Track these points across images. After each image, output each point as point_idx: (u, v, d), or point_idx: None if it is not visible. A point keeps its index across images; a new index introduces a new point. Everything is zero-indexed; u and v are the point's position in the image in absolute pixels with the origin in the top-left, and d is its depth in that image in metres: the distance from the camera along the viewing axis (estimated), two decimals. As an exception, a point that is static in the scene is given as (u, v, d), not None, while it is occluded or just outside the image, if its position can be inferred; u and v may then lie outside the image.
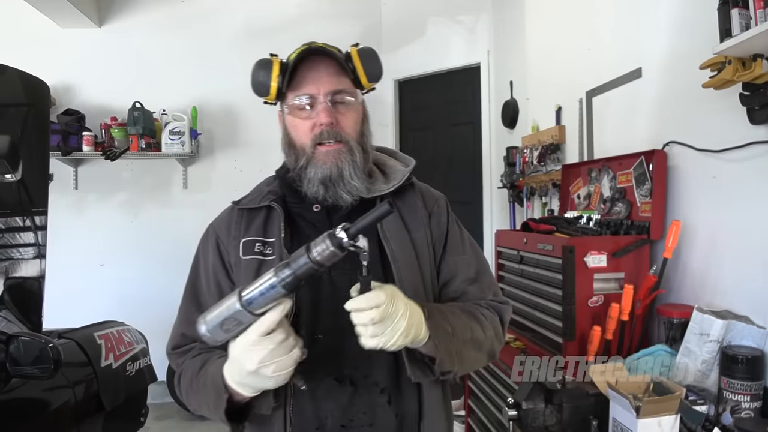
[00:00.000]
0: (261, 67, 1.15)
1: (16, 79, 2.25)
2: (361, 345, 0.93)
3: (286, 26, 4.36)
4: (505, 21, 3.83)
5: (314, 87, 1.12)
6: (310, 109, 1.12)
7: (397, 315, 0.92)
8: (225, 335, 0.92)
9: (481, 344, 1.12)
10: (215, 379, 1.01)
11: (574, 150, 2.80)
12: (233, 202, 1.23)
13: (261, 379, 0.93)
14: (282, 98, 1.17)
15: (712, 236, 1.85)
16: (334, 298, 1.11)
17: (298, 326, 1.08)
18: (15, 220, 2.23)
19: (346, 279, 1.12)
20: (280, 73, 1.12)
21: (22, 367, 1.76)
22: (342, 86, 1.13)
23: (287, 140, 1.18)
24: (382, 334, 0.91)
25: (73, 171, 4.39)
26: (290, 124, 1.16)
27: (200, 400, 1.07)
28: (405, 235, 1.17)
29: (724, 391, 1.53)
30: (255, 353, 0.91)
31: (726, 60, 1.59)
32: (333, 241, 0.83)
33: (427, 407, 1.12)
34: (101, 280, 4.35)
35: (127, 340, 2.61)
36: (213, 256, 1.18)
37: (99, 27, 4.40)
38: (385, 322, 0.91)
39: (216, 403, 1.01)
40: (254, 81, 1.16)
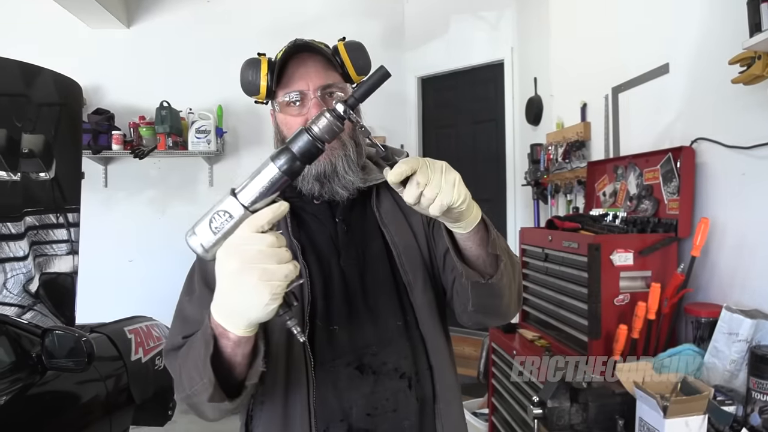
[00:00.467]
0: (249, 66, 1.15)
1: (50, 80, 2.32)
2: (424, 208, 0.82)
3: (310, 25, 4.38)
4: (528, 17, 3.80)
5: (304, 83, 1.12)
6: (301, 106, 1.12)
7: (442, 167, 0.84)
8: (214, 236, 0.78)
9: (515, 266, 1.07)
10: (204, 328, 0.88)
11: (600, 147, 2.77)
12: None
13: (244, 289, 0.77)
14: (272, 96, 1.17)
15: (741, 234, 1.82)
16: (346, 288, 1.13)
17: (314, 319, 1.08)
18: (49, 217, 2.30)
19: (356, 270, 1.14)
20: (269, 71, 1.13)
21: (57, 360, 1.81)
22: (331, 80, 1.13)
23: (280, 137, 1.18)
24: (440, 183, 0.82)
25: (103, 169, 4.49)
26: (282, 121, 1.16)
27: (190, 368, 0.92)
28: (402, 219, 1.18)
29: (752, 392, 1.50)
30: (241, 251, 0.77)
31: (756, 55, 1.57)
32: (332, 113, 0.78)
33: (441, 389, 1.13)
34: (130, 276, 4.45)
35: (156, 335, 2.67)
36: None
37: (127, 27, 4.48)
38: (435, 173, 0.82)
39: (204, 357, 0.85)
40: (243, 81, 1.15)
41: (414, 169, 0.81)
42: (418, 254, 1.16)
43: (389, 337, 1.11)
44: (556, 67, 3.37)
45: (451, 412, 1.14)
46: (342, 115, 0.79)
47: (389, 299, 1.14)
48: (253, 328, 0.84)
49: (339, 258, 1.14)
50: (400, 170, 0.81)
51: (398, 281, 1.14)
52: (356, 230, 1.17)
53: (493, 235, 0.94)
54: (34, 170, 2.26)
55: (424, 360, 1.13)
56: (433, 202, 0.82)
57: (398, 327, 1.12)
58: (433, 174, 0.82)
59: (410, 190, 0.81)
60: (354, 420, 1.07)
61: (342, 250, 1.15)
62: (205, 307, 0.97)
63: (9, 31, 4.23)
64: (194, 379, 0.91)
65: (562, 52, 3.28)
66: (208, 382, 0.87)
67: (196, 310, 1.06)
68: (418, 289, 1.13)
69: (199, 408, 0.98)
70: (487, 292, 1.00)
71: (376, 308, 1.12)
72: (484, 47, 4.28)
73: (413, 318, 1.13)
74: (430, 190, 0.81)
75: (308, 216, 1.17)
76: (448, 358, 1.17)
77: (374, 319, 1.11)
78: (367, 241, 1.16)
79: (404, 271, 1.13)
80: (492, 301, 1.03)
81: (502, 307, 1.06)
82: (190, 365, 0.92)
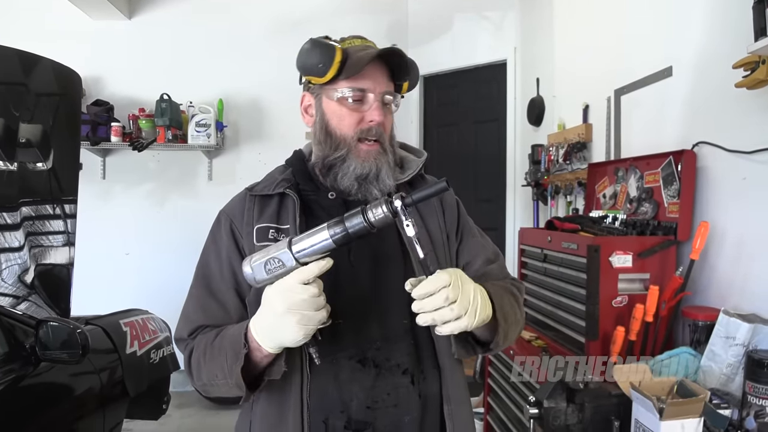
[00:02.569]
0: (320, 50, 1.12)
1: (49, 69, 2.30)
2: (437, 333, 0.94)
3: (312, 20, 4.37)
4: (532, 17, 3.79)
5: (371, 83, 1.13)
6: (360, 103, 1.13)
7: (470, 292, 0.93)
8: (266, 276, 0.94)
9: (518, 323, 1.15)
10: (234, 337, 1.03)
11: (601, 149, 2.76)
12: (246, 188, 1.22)
13: (284, 326, 0.94)
14: (328, 83, 1.14)
15: (741, 239, 1.81)
16: (354, 282, 1.13)
17: None
18: (45, 207, 2.28)
19: (367, 268, 1.15)
20: (342, 59, 1.11)
21: (50, 351, 1.80)
22: (391, 89, 1.17)
23: (324, 128, 1.17)
24: (466, 314, 0.91)
25: (101, 161, 4.47)
26: (333, 112, 1.15)
27: (214, 367, 1.06)
28: (420, 224, 1.18)
29: (748, 396, 1.50)
30: (288, 296, 0.93)
31: (760, 59, 1.56)
32: (389, 207, 0.86)
33: (450, 389, 1.13)
34: (126, 269, 4.44)
35: (152, 328, 2.66)
36: (227, 241, 1.16)
37: (129, 19, 4.47)
38: (462, 300, 0.91)
39: (233, 362, 1.01)
40: (308, 61, 1.13)
41: (445, 284, 0.90)
42: (434, 261, 1.16)
43: (395, 334, 1.12)
44: (558, 68, 3.36)
45: (461, 413, 1.16)
46: (397, 211, 0.87)
47: (399, 298, 1.12)
48: (281, 349, 1.00)
49: (349, 255, 1.14)
50: (427, 289, 0.91)
51: None
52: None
53: (501, 335, 1.04)
54: (32, 160, 2.25)
55: (432, 359, 1.14)
56: (461, 320, 0.91)
57: (404, 325, 1.13)
58: (462, 296, 0.91)
59: (434, 303, 0.90)
60: (353, 412, 1.09)
61: (353, 248, 1.14)
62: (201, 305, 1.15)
63: (10, 21, 4.23)
64: (217, 377, 1.05)
65: (565, 53, 3.27)
66: (234, 384, 1.02)
67: (193, 306, 1.16)
68: None
69: (212, 392, 1.11)
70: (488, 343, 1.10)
71: (384, 306, 1.13)
72: (488, 47, 4.27)
73: None
74: (459, 309, 0.91)
75: (321, 211, 1.17)
76: (458, 360, 1.18)
77: (381, 317, 1.13)
78: (381, 240, 1.16)
79: (418, 271, 1.12)
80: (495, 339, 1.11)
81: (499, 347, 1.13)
82: (215, 366, 1.05)
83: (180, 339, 1.18)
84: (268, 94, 4.55)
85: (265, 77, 4.51)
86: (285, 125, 4.47)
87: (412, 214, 0.95)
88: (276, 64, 4.40)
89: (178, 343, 1.20)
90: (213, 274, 1.17)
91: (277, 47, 4.45)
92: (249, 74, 4.53)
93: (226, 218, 1.19)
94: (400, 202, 0.85)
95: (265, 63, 4.49)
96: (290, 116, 4.41)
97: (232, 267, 1.15)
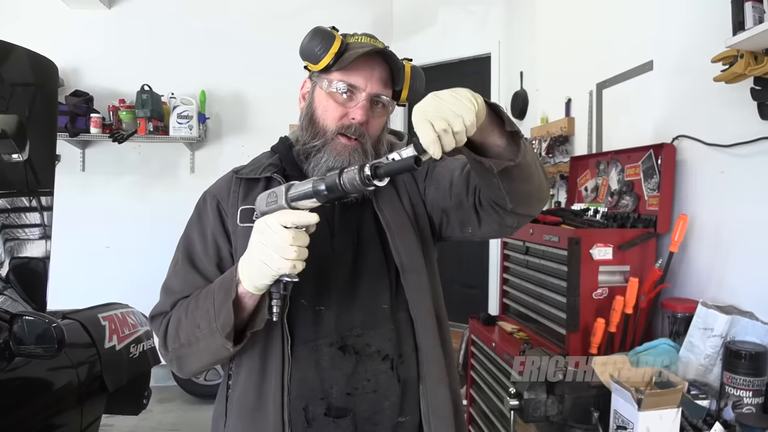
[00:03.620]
0: (321, 37, 1.12)
1: (24, 58, 2.25)
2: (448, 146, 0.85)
3: (297, 11, 4.34)
4: (516, 11, 3.79)
5: (363, 81, 1.12)
6: (348, 99, 1.13)
7: (446, 94, 0.87)
8: (265, 208, 0.98)
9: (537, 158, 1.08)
10: (225, 277, 1.03)
11: (583, 142, 2.78)
12: (233, 170, 1.23)
13: (251, 259, 0.95)
14: (323, 72, 1.15)
15: (719, 231, 1.83)
16: (336, 268, 1.14)
17: (299, 298, 1.10)
18: (21, 200, 2.24)
19: (349, 252, 1.16)
20: (338, 52, 1.11)
21: (25, 346, 1.77)
22: (385, 93, 1.16)
23: (309, 115, 1.17)
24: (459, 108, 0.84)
25: (81, 153, 4.40)
26: (321, 101, 1.15)
27: (197, 316, 1.04)
28: (396, 200, 1.20)
29: (726, 387, 1.52)
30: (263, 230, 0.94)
31: (738, 54, 1.57)
32: (360, 175, 0.87)
33: (426, 368, 1.14)
34: (107, 262, 4.38)
35: (132, 323, 2.63)
36: (213, 220, 1.17)
37: (108, 8, 4.39)
38: (445, 105, 0.85)
39: (222, 301, 1.00)
40: (308, 47, 1.13)
41: (430, 127, 0.83)
42: (412, 235, 1.18)
43: (375, 320, 1.13)
44: (541, 61, 3.37)
45: (438, 392, 1.15)
46: (367, 178, 0.87)
47: (379, 283, 1.15)
48: (257, 290, 0.98)
49: (332, 239, 1.15)
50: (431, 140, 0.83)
51: (390, 265, 1.16)
52: (352, 212, 1.19)
53: (504, 113, 0.95)
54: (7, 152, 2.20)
55: (410, 341, 1.15)
56: (465, 126, 0.84)
57: (384, 310, 1.14)
58: (441, 111, 0.84)
59: (446, 139, 0.83)
60: (334, 399, 1.09)
61: (336, 231, 1.16)
62: (185, 279, 1.13)
63: (-15, 9, 4.13)
64: (199, 327, 1.03)
65: (547, 47, 3.28)
66: (219, 326, 0.99)
67: (178, 281, 1.15)
68: (411, 271, 1.15)
69: (185, 359, 1.09)
70: (518, 176, 1.00)
71: (364, 291, 1.14)
72: (472, 40, 4.26)
73: (403, 302, 1.15)
74: (456, 123, 0.84)
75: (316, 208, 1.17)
76: (437, 338, 1.17)
77: (362, 302, 1.13)
78: (362, 223, 1.18)
79: (397, 253, 1.14)
80: (526, 187, 1.04)
81: (537, 190, 1.07)
82: (199, 314, 1.03)
83: (160, 314, 1.15)
84: (252, 86, 4.51)
85: (248, 69, 4.48)
86: (269, 117, 4.43)
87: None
88: (260, 55, 4.37)
89: (154, 320, 1.16)
90: (197, 250, 1.16)
91: (260, 39, 4.41)
92: (232, 66, 4.48)
93: (213, 198, 1.20)
94: (369, 171, 0.86)
95: (249, 55, 4.45)
96: (274, 108, 4.40)
97: (217, 244, 1.15)
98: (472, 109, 0.84)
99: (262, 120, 4.51)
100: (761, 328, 1.57)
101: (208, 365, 1.10)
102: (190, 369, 1.12)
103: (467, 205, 1.13)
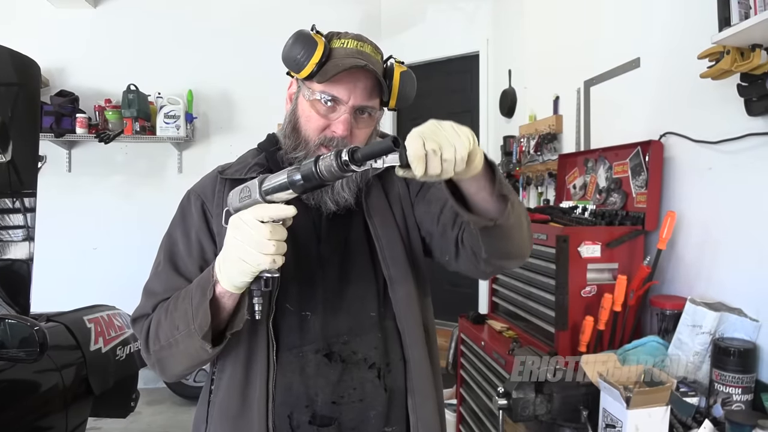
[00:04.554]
0: (302, 43, 1.07)
1: (5, 57, 2.22)
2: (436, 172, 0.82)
3: (284, 10, 4.31)
4: (504, 9, 3.79)
5: (346, 94, 1.07)
6: (330, 110, 1.09)
7: (447, 124, 0.85)
8: (238, 204, 0.95)
9: (521, 204, 1.05)
10: (203, 277, 1.00)
11: (571, 140, 2.77)
12: (218, 170, 1.19)
13: (229, 256, 0.93)
14: (307, 79, 1.10)
15: (707, 228, 1.83)
16: (323, 274, 1.12)
17: (284, 303, 1.08)
18: (4, 201, 2.21)
19: (336, 258, 1.13)
20: (320, 61, 1.06)
21: (7, 350, 1.75)
22: (371, 104, 1.11)
23: (293, 123, 1.14)
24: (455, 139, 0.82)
25: (67, 153, 4.35)
26: (304, 111, 1.11)
27: (176, 317, 1.01)
28: (387, 211, 1.17)
29: (715, 384, 1.52)
30: (239, 226, 0.92)
31: (724, 50, 1.57)
32: (338, 161, 0.85)
33: (415, 381, 1.12)
34: (94, 264, 4.32)
35: (118, 325, 2.60)
36: (198, 220, 1.14)
37: (94, 7, 4.34)
38: (442, 132, 0.83)
39: (199, 301, 0.96)
40: (290, 54, 1.08)
41: (421, 144, 0.81)
42: (401, 247, 1.15)
43: (362, 327, 1.11)
44: (530, 59, 3.37)
45: (427, 406, 1.14)
46: (345, 164, 0.84)
47: (366, 290, 1.13)
48: (237, 289, 0.95)
49: (319, 244, 1.13)
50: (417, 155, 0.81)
51: (378, 274, 1.14)
52: (340, 219, 1.15)
53: (498, 175, 0.92)
54: (-11, 152, 2.17)
55: (398, 352, 1.13)
56: (455, 158, 0.81)
57: (371, 318, 1.12)
58: (437, 135, 0.82)
59: (433, 162, 0.81)
60: (319, 407, 1.07)
61: (323, 237, 1.14)
62: (167, 281, 1.09)
63: (-33, 8, 4.07)
64: (178, 328, 1.00)
65: (535, 45, 3.28)
66: (196, 327, 0.96)
67: (160, 282, 1.11)
68: (399, 283, 1.13)
69: (167, 361, 1.06)
70: (497, 235, 0.99)
71: (352, 298, 1.12)
72: (460, 38, 4.26)
73: (390, 311, 1.13)
74: (447, 151, 0.81)
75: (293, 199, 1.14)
76: (425, 351, 1.16)
77: (348, 309, 1.11)
78: (351, 230, 1.16)
79: (386, 265, 1.12)
80: (504, 245, 1.03)
81: (515, 249, 1.06)
82: (177, 315, 1.00)
83: (141, 316, 1.11)
84: (239, 85, 4.48)
85: (236, 68, 4.44)
86: (256, 117, 4.40)
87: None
88: (247, 55, 4.33)
89: (136, 323, 1.12)
90: (180, 251, 1.13)
91: (247, 38, 4.38)
92: (219, 65, 4.44)
93: (197, 197, 1.16)
94: (347, 157, 0.84)
95: (236, 54, 4.42)
96: (262, 108, 4.36)
97: (201, 245, 1.12)
98: (466, 146, 0.83)
99: (249, 119, 4.48)
100: (750, 325, 1.57)
101: (190, 368, 1.07)
102: (173, 372, 1.09)
103: (450, 236, 1.11)
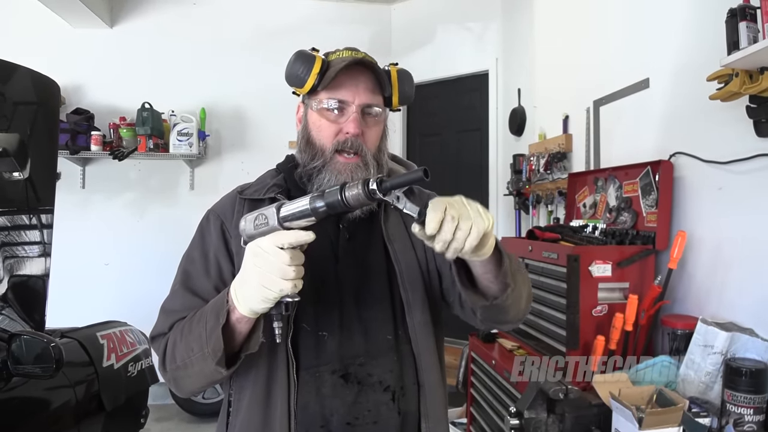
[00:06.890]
0: (301, 60, 1.14)
1: (26, 78, 2.26)
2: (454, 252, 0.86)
3: (296, 30, 4.38)
4: (514, 29, 3.83)
5: (350, 95, 1.13)
6: (339, 114, 1.13)
7: (474, 203, 0.88)
8: (253, 231, 0.96)
9: (525, 277, 1.13)
10: (217, 300, 1.01)
11: (581, 159, 2.79)
12: (237, 190, 1.22)
13: (249, 284, 0.93)
14: (312, 93, 1.16)
15: (718, 248, 1.83)
16: (340, 294, 1.13)
17: (301, 323, 1.09)
18: (21, 217, 2.24)
19: (353, 279, 1.14)
20: (320, 71, 1.12)
21: (23, 365, 1.75)
22: (375, 102, 1.16)
23: (306, 137, 1.18)
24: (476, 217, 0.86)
25: (81, 170, 4.41)
26: (314, 122, 1.16)
27: (191, 339, 1.02)
28: (406, 237, 1.19)
29: (727, 404, 1.51)
30: (259, 254, 0.92)
31: (733, 72, 1.59)
32: (364, 189, 0.86)
33: (429, 406, 1.13)
34: (106, 280, 4.37)
35: (130, 341, 2.61)
36: (216, 240, 1.16)
37: (110, 27, 4.43)
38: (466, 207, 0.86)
39: (213, 325, 0.97)
40: (291, 72, 1.15)
41: (443, 206, 0.85)
42: (419, 273, 1.17)
43: (378, 350, 1.12)
44: (539, 79, 3.39)
45: (439, 430, 1.15)
46: (372, 192, 0.87)
47: (384, 313, 1.14)
48: (255, 314, 0.96)
49: (336, 264, 1.14)
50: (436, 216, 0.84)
51: (396, 298, 1.15)
52: (359, 240, 1.18)
53: (506, 263, 0.99)
54: (8, 170, 2.21)
55: (412, 376, 1.14)
56: (469, 233, 0.85)
57: (388, 341, 1.13)
58: (460, 207, 0.86)
59: (447, 226, 0.84)
60: (334, 427, 1.08)
61: (341, 258, 1.15)
62: (184, 300, 1.12)
63: (-12, 29, 4.17)
64: (193, 350, 1.01)
65: (545, 64, 3.31)
66: (210, 351, 0.97)
67: (176, 301, 1.13)
68: (417, 308, 1.14)
69: (182, 381, 1.08)
70: (494, 310, 1.05)
71: (368, 320, 1.13)
72: (470, 57, 4.30)
73: (407, 335, 1.14)
74: (464, 223, 0.85)
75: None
76: (439, 376, 1.18)
77: (365, 331, 1.12)
78: (369, 253, 1.17)
79: (404, 289, 1.14)
80: (499, 316, 1.09)
81: (510, 318, 1.11)
82: (193, 338, 1.01)
83: (159, 335, 1.13)
84: (251, 103, 4.54)
85: (248, 86, 4.50)
86: (268, 134, 4.47)
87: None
88: (259, 73, 4.39)
89: (155, 341, 1.15)
90: (198, 271, 1.15)
91: (260, 56, 4.44)
92: (232, 83, 4.51)
93: (216, 217, 1.19)
94: (375, 185, 0.86)
95: (248, 72, 4.48)
96: (273, 125, 4.43)
97: (219, 265, 1.14)
98: (484, 226, 0.86)
99: (261, 137, 4.53)
100: (761, 345, 1.56)
101: (205, 386, 1.09)
102: (188, 389, 1.11)
103: (457, 288, 1.13)
